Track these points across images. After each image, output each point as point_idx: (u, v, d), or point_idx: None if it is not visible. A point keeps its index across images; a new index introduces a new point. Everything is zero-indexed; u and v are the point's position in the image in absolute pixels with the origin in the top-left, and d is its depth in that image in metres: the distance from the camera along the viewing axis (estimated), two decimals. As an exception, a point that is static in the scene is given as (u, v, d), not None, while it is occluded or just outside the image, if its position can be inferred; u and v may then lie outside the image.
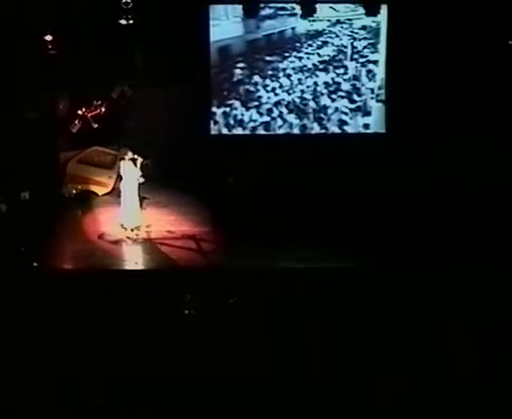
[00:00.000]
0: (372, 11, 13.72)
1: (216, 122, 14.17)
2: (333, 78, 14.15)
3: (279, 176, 13.02)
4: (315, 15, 13.70)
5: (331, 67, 14.12)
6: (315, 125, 14.23)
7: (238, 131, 14.20)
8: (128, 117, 14.25)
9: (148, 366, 8.04)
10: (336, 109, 14.18)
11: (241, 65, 14.09)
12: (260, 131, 14.21)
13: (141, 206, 12.12)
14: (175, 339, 8.48)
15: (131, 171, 11.81)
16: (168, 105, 13.88)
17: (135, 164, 11.79)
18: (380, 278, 9.95)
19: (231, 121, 14.17)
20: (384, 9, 13.66)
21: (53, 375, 7.86)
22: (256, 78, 14.14)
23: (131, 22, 12.60)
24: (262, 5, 13.68)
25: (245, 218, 12.02)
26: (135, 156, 11.78)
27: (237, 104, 14.17)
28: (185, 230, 12.07)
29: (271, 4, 13.75)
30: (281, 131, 14.22)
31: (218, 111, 14.14)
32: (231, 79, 14.13)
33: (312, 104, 14.17)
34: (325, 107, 14.19)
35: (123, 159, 12.01)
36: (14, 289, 9.44)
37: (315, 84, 14.16)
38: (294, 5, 13.73)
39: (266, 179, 13.01)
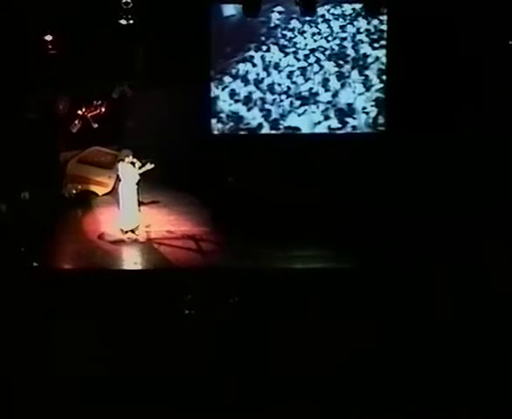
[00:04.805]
0: (373, 11, 13.70)
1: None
2: (375, 26, 13.91)
3: (279, 176, 13.01)
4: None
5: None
6: (354, 73, 14.02)
7: (274, 77, 14.10)
8: (127, 117, 14.26)
9: (147, 366, 8.04)
10: (377, 58, 13.99)
11: (279, 8, 13.95)
12: (297, 77, 14.07)
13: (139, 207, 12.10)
14: (175, 339, 8.49)
15: (129, 173, 11.78)
16: (168, 105, 13.88)
17: (134, 167, 11.75)
18: (380, 279, 9.95)
19: (270, 67, 14.07)
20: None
21: (53, 375, 7.86)
22: (294, 23, 13.99)
23: (131, 22, 12.59)
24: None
25: (245, 218, 12.03)
26: (135, 159, 11.75)
27: (274, 48, 14.08)
28: (185, 230, 12.07)
29: None
30: (318, 77, 14.06)
31: (256, 54, 14.05)
32: (268, 24, 14.02)
33: (351, 52, 13.98)
34: (365, 56, 14.01)
35: (122, 161, 11.98)
36: (14, 289, 9.44)
37: (358, 31, 13.95)
38: None
39: (266, 179, 13.00)
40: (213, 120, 14.19)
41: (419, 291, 9.47)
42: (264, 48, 14.08)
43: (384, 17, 13.81)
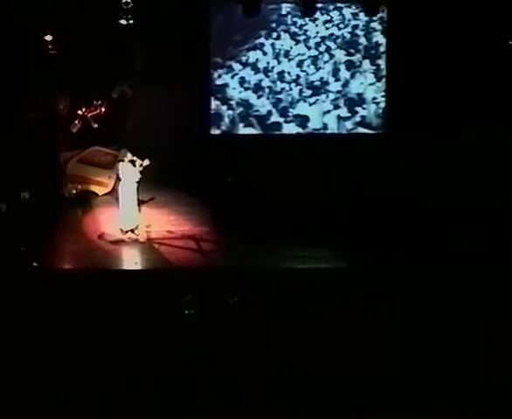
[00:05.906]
0: (371, 10, 13.69)
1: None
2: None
3: (279, 176, 13.01)
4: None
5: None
6: (366, 62, 13.96)
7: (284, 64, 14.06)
8: (127, 117, 14.27)
9: (147, 366, 8.04)
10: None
11: None
12: (308, 66, 14.03)
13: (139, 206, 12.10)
14: (175, 339, 8.49)
15: (129, 173, 11.78)
16: (168, 105, 13.88)
17: (134, 166, 11.75)
18: (380, 278, 9.96)
19: (280, 55, 14.01)
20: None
21: (53, 375, 7.86)
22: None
23: (131, 22, 12.60)
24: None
25: (246, 218, 12.03)
26: (134, 158, 11.75)
27: (285, 36, 13.98)
28: (185, 230, 12.08)
29: None
30: (328, 67, 14.02)
31: (267, 42, 13.99)
32: (279, 11, 13.95)
33: (363, 40, 13.88)
34: (377, 45, 13.93)
35: (122, 161, 11.98)
36: (14, 289, 9.45)
37: (371, 19, 13.83)
38: None
39: (266, 179, 13.00)
40: (223, 107, 14.17)
41: (419, 291, 9.47)
42: (274, 35, 14.02)
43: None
